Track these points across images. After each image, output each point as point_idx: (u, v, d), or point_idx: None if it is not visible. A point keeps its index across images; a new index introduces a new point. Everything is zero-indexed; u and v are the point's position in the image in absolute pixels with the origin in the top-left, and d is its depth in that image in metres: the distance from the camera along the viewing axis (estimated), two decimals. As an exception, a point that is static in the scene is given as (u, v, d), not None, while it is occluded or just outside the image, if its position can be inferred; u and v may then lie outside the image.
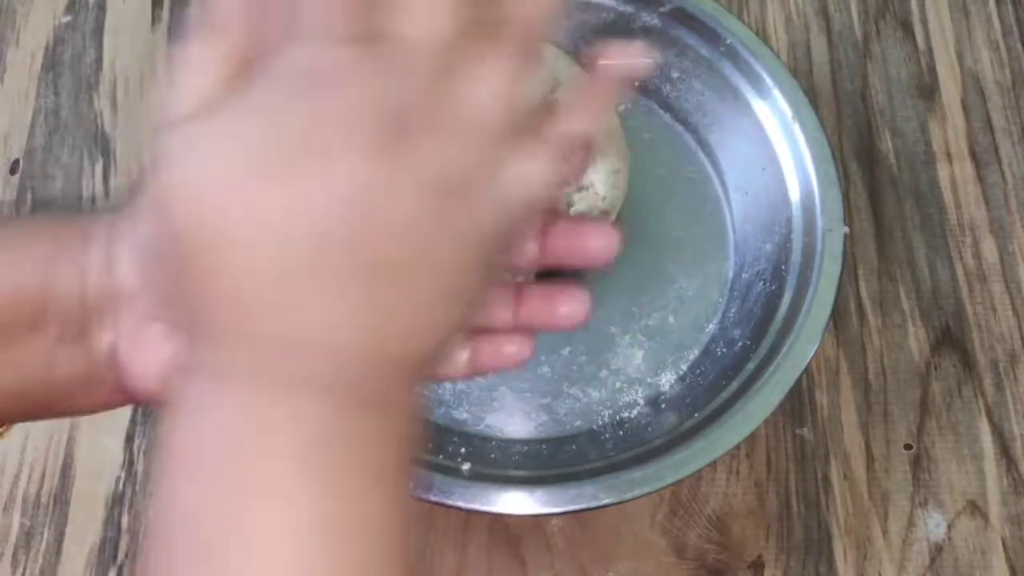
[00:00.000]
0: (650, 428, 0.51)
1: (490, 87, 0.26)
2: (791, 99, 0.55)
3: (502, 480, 0.47)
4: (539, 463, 0.51)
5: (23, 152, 0.64)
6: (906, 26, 0.68)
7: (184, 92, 0.26)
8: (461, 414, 0.53)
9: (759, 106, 0.56)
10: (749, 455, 0.55)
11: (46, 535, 0.53)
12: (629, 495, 0.45)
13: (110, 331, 0.32)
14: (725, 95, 0.57)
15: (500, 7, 0.27)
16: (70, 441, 0.55)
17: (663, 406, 0.52)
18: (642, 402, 0.53)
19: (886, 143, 0.64)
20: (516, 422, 0.53)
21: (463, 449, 0.50)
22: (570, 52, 0.60)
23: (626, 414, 0.53)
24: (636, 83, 0.29)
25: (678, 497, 0.54)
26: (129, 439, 0.56)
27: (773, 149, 0.55)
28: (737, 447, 0.47)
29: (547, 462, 0.51)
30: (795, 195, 0.54)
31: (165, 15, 0.69)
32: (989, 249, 0.61)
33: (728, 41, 0.56)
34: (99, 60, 0.67)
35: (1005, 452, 0.55)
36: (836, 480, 0.54)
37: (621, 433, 0.52)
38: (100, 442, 0.55)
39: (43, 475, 0.55)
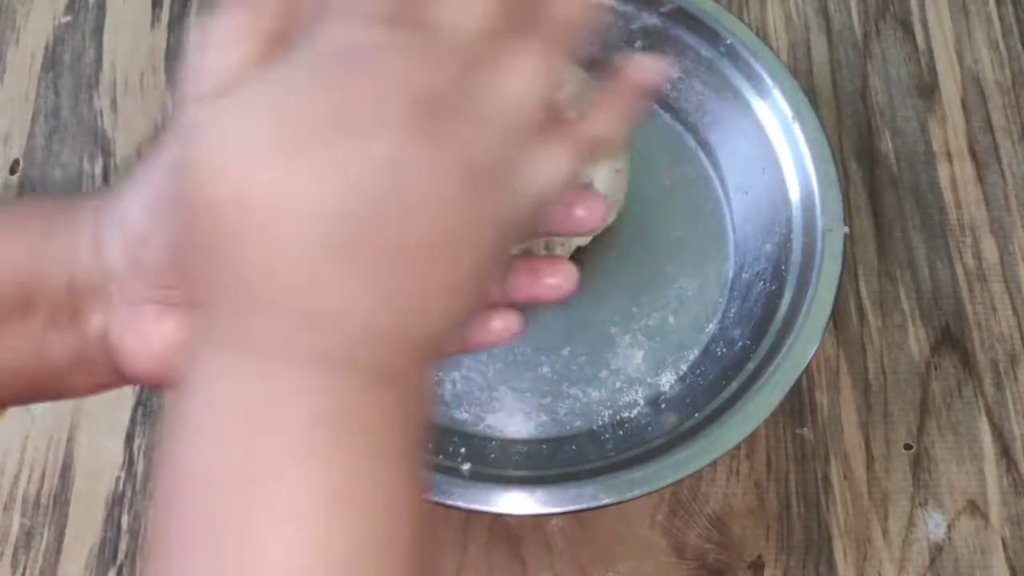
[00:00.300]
0: (650, 428, 0.51)
1: (522, 81, 0.27)
2: (791, 99, 0.55)
3: (502, 480, 0.47)
4: (539, 463, 0.51)
5: (23, 152, 0.64)
6: (906, 26, 0.68)
7: (213, 66, 0.26)
8: (461, 414, 0.53)
9: (759, 106, 0.56)
10: (749, 455, 0.55)
11: (46, 535, 0.53)
12: (629, 495, 0.45)
13: (101, 313, 0.32)
14: (725, 95, 0.57)
15: (539, 6, 0.28)
16: (70, 441, 0.55)
17: (663, 406, 0.52)
18: (642, 402, 0.53)
19: (886, 143, 0.64)
20: (516, 422, 0.53)
21: (463, 449, 0.50)
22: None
23: (626, 414, 0.53)
24: (655, 94, 0.30)
25: (678, 497, 0.54)
26: (129, 439, 0.56)
27: (773, 149, 0.55)
28: (737, 447, 0.47)
29: (547, 462, 0.51)
30: (795, 195, 0.54)
31: (165, 15, 0.69)
32: (989, 249, 0.61)
33: (728, 41, 0.56)
34: (99, 60, 0.67)
35: (1005, 452, 0.55)
36: (836, 480, 0.54)
37: (621, 433, 0.52)
38: (100, 442, 0.55)
39: (43, 475, 0.55)
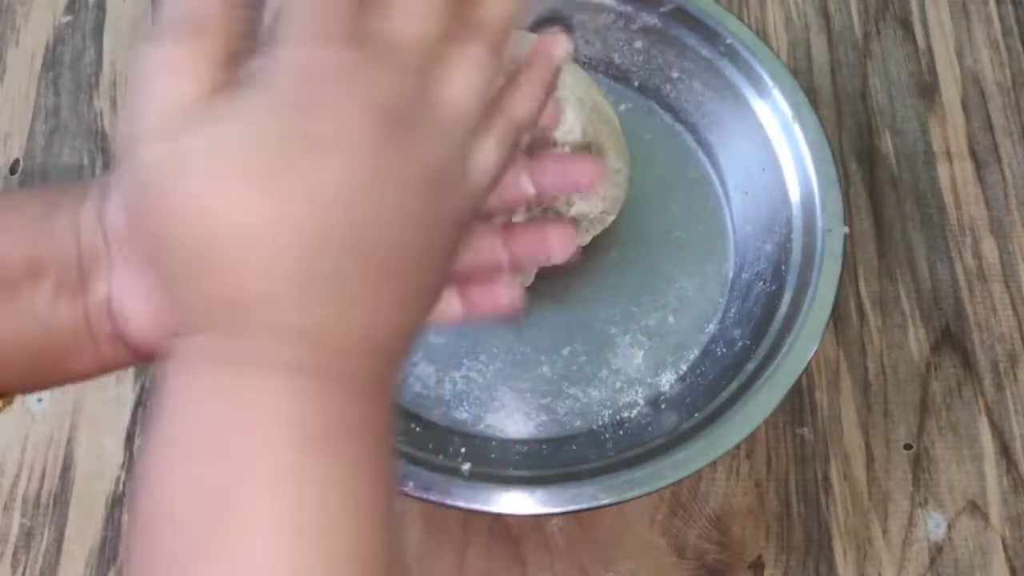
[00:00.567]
0: (650, 428, 0.51)
1: (465, 83, 0.28)
2: (791, 99, 0.55)
3: (502, 480, 0.47)
4: (539, 463, 0.51)
5: (23, 152, 0.64)
6: (906, 26, 0.68)
7: (163, 100, 0.25)
8: (461, 414, 0.53)
9: (759, 106, 0.56)
10: (749, 455, 0.55)
11: (46, 535, 0.53)
12: (629, 495, 0.45)
13: (105, 280, 0.33)
14: (725, 95, 0.57)
15: (473, 9, 0.29)
16: (70, 441, 0.55)
17: (663, 406, 0.52)
18: (642, 402, 0.53)
19: (886, 143, 0.64)
20: (516, 422, 0.53)
21: (463, 449, 0.50)
22: (570, 52, 0.60)
23: (626, 414, 0.53)
24: (561, 62, 0.33)
25: (678, 497, 0.54)
26: (129, 439, 0.56)
27: (773, 149, 0.55)
28: (737, 447, 0.47)
29: (547, 462, 0.51)
30: (795, 195, 0.54)
31: (165, 15, 0.69)
32: (989, 249, 0.61)
33: (728, 41, 0.56)
34: (99, 60, 0.67)
35: (1005, 452, 0.55)
36: (836, 480, 0.54)
37: (621, 433, 0.52)
38: (100, 442, 0.55)
39: (43, 475, 0.55)
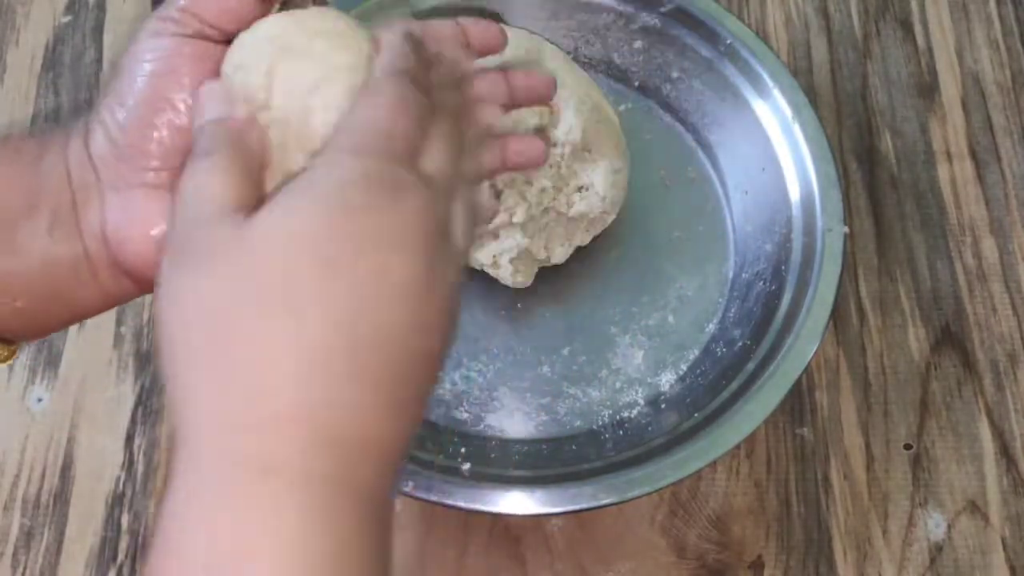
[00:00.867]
0: (650, 428, 0.51)
1: (464, 208, 0.31)
2: (791, 99, 0.55)
3: (502, 480, 0.47)
4: (539, 463, 0.51)
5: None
6: (906, 26, 0.68)
7: (200, 214, 0.28)
8: (461, 414, 0.53)
9: (759, 106, 0.56)
10: (749, 455, 0.55)
11: (46, 535, 0.53)
12: (629, 495, 0.45)
13: (97, 209, 0.33)
14: (725, 95, 0.57)
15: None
16: (70, 441, 0.55)
17: (663, 406, 0.52)
18: (642, 402, 0.53)
19: (886, 143, 0.64)
20: (516, 422, 0.53)
21: (463, 449, 0.50)
22: (570, 52, 0.60)
23: (626, 414, 0.53)
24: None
25: (678, 497, 0.54)
26: (129, 439, 0.56)
27: (773, 149, 0.55)
28: (737, 447, 0.47)
29: (547, 462, 0.51)
30: (795, 195, 0.54)
31: (165, 15, 0.69)
32: (989, 249, 0.61)
33: (728, 41, 0.56)
34: (99, 60, 0.67)
35: (1005, 452, 0.55)
36: (836, 480, 0.54)
37: (621, 433, 0.52)
38: (100, 442, 0.55)
39: (43, 475, 0.55)
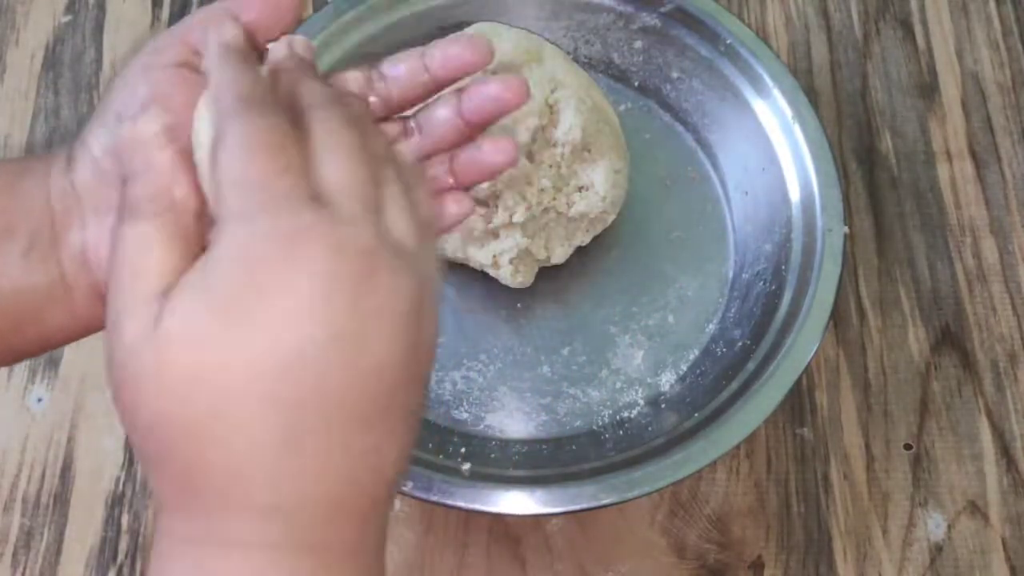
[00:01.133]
0: (650, 428, 0.51)
1: (399, 206, 0.28)
2: (791, 99, 0.55)
3: (502, 480, 0.47)
4: (539, 463, 0.51)
5: (23, 151, 0.64)
6: (906, 26, 0.68)
7: (137, 275, 0.27)
8: (461, 414, 0.53)
9: (759, 106, 0.56)
10: (749, 455, 0.55)
11: (46, 535, 0.53)
12: (629, 495, 0.45)
13: (78, 231, 0.33)
14: (725, 95, 0.57)
15: (381, 142, 0.31)
16: (70, 441, 0.55)
17: (663, 406, 0.52)
18: (642, 402, 0.53)
19: (886, 143, 0.64)
20: (516, 422, 0.53)
21: (463, 449, 0.50)
22: (570, 52, 0.60)
23: (626, 414, 0.53)
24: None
25: (678, 497, 0.54)
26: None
27: (773, 149, 0.55)
28: (737, 447, 0.47)
29: (547, 462, 0.51)
30: (795, 195, 0.54)
31: (165, 14, 0.69)
32: (989, 249, 0.61)
33: (728, 41, 0.56)
34: (99, 60, 0.67)
35: (1005, 452, 0.55)
36: (836, 480, 0.54)
37: (621, 433, 0.52)
38: (100, 442, 0.55)
39: (43, 475, 0.55)
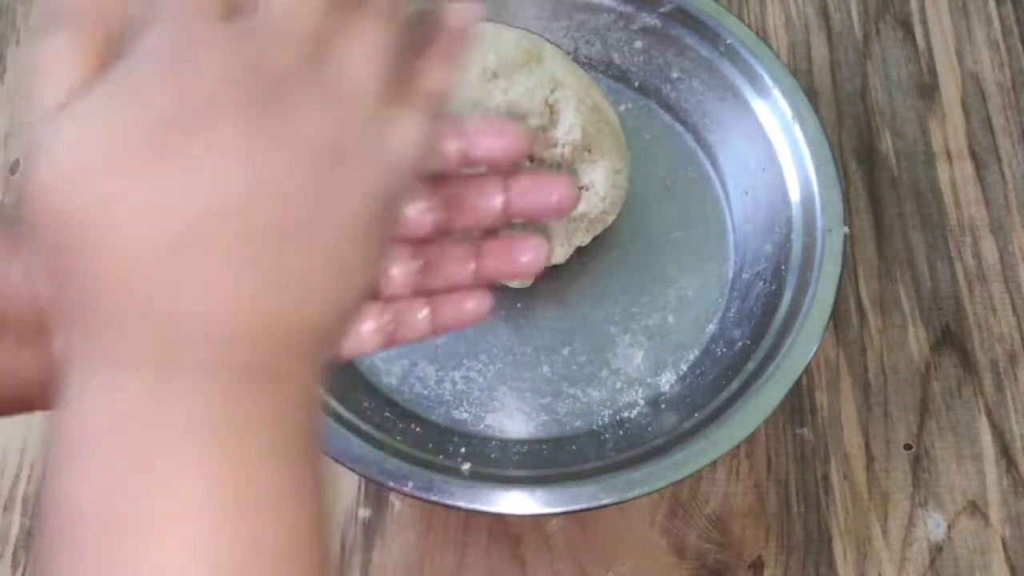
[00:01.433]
0: (650, 428, 0.51)
1: (361, 51, 0.27)
2: (791, 99, 0.55)
3: (502, 480, 0.47)
4: (539, 463, 0.51)
5: (23, 152, 0.64)
6: (906, 26, 0.68)
7: (49, 88, 0.25)
8: (461, 414, 0.53)
9: (759, 106, 0.56)
10: (749, 455, 0.55)
11: (46, 535, 0.53)
12: (629, 495, 0.45)
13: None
14: (725, 95, 0.57)
15: None
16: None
17: (663, 406, 0.52)
18: (642, 402, 0.53)
19: (886, 143, 0.64)
20: (516, 422, 0.53)
21: (463, 449, 0.50)
22: (570, 52, 0.60)
23: (626, 414, 0.53)
24: (471, 37, 0.31)
25: (678, 497, 0.54)
26: (129, 439, 0.55)
27: (773, 149, 0.55)
28: (737, 447, 0.47)
29: (547, 462, 0.51)
30: (795, 195, 0.54)
31: (165, 15, 0.69)
32: (989, 249, 0.61)
33: (728, 41, 0.56)
34: (99, 60, 0.67)
35: (1005, 452, 0.55)
36: (836, 480, 0.54)
37: (621, 433, 0.52)
38: (100, 442, 0.55)
39: (43, 475, 0.55)
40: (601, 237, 0.56)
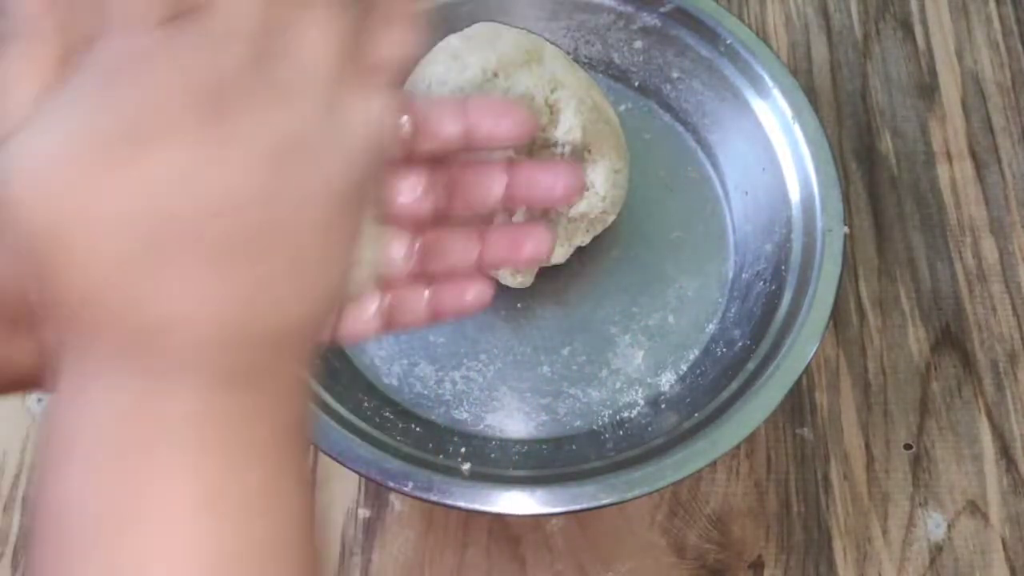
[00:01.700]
0: (650, 428, 0.51)
1: (310, 37, 0.26)
2: (791, 99, 0.55)
3: (502, 480, 0.47)
4: (539, 463, 0.51)
5: None
6: (906, 26, 0.68)
7: (7, 108, 0.25)
8: (461, 414, 0.53)
9: (759, 106, 0.56)
10: (749, 455, 0.55)
11: (46, 535, 0.53)
12: (629, 495, 0.45)
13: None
14: (725, 95, 0.57)
15: None
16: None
17: (663, 406, 0.52)
18: (642, 402, 0.53)
19: (886, 143, 0.64)
20: (516, 422, 0.53)
21: (463, 449, 0.50)
22: (570, 52, 0.60)
23: (626, 414, 0.53)
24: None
25: (678, 497, 0.54)
26: (129, 439, 0.56)
27: (773, 149, 0.55)
28: (737, 447, 0.47)
29: (547, 462, 0.51)
30: (795, 195, 0.54)
31: (165, 15, 0.69)
32: (989, 249, 0.61)
33: (728, 41, 0.57)
34: (99, 60, 0.67)
35: (1005, 452, 0.55)
36: (836, 480, 0.54)
37: (621, 433, 0.52)
38: (100, 442, 0.55)
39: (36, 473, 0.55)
40: (601, 237, 0.56)
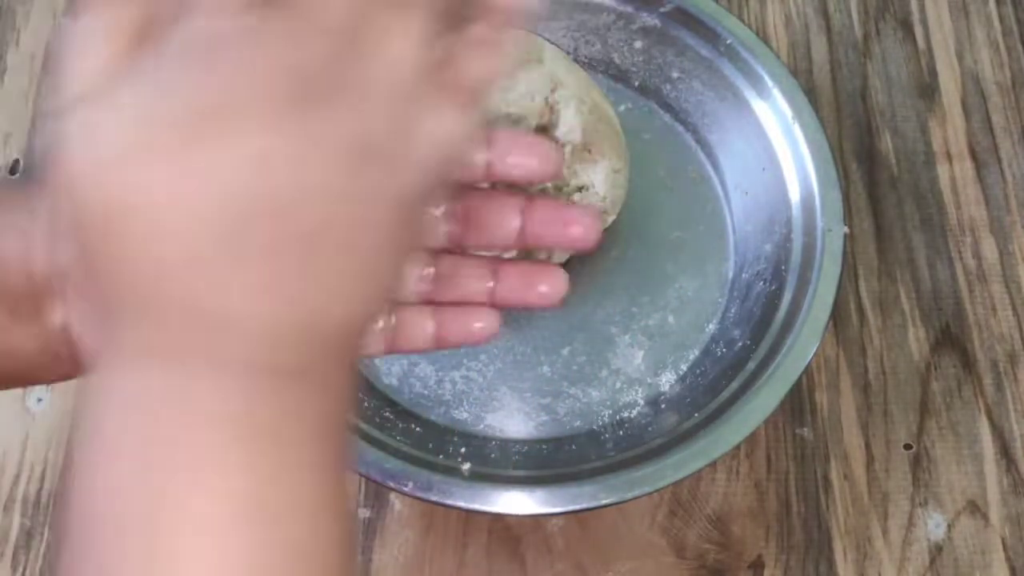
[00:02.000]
0: (650, 428, 0.51)
1: (399, 45, 0.25)
2: (791, 99, 0.55)
3: (502, 480, 0.47)
4: (539, 463, 0.51)
5: (23, 152, 0.64)
6: (906, 26, 0.68)
7: (78, 71, 0.25)
8: (461, 414, 0.53)
9: (759, 106, 0.56)
10: (749, 455, 0.55)
11: (46, 535, 0.53)
12: (629, 495, 0.45)
13: (60, 306, 0.31)
14: (725, 95, 0.57)
15: None
16: (70, 441, 0.55)
17: (663, 406, 0.52)
18: (642, 402, 0.53)
19: (886, 143, 0.64)
20: (516, 422, 0.53)
21: (463, 449, 0.50)
22: (570, 52, 0.60)
23: (626, 414, 0.53)
24: (521, 21, 0.29)
25: (678, 497, 0.54)
26: (129, 439, 0.55)
27: (773, 149, 0.55)
28: (737, 447, 0.47)
29: (547, 462, 0.51)
30: (795, 195, 0.54)
31: (165, 15, 0.69)
32: (989, 249, 0.61)
33: (728, 41, 0.56)
34: (99, 60, 0.67)
35: (1005, 452, 0.55)
36: (836, 480, 0.54)
37: (621, 433, 0.52)
38: (100, 442, 0.55)
39: (43, 475, 0.55)
40: (601, 237, 0.56)
